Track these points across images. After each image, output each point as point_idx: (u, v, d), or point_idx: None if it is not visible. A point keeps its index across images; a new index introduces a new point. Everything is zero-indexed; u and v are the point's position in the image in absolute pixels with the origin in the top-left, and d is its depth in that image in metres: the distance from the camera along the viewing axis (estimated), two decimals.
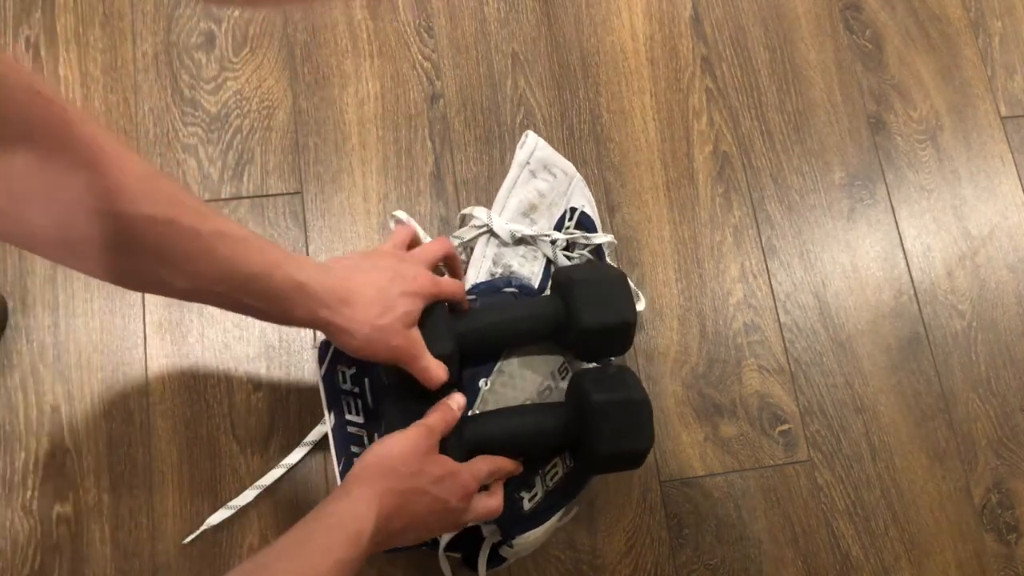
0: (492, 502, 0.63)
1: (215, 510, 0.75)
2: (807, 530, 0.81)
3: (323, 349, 0.70)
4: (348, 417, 0.70)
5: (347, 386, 0.71)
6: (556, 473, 0.68)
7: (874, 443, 0.84)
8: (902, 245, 0.90)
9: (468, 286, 0.71)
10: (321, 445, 0.78)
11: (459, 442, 0.63)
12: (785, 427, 0.84)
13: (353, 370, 0.70)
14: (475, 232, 0.74)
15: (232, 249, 0.54)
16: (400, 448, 0.59)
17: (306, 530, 0.53)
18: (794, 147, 0.92)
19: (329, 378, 0.70)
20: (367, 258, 0.65)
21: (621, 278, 0.68)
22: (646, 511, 0.80)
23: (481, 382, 0.67)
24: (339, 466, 0.69)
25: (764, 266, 0.88)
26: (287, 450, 0.77)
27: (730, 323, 0.86)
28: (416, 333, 0.63)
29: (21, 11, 0.87)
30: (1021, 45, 0.98)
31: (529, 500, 0.67)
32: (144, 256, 0.50)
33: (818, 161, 0.92)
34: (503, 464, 0.64)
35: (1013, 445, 0.85)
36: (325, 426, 0.78)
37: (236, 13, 0.89)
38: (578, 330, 0.65)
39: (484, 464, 0.63)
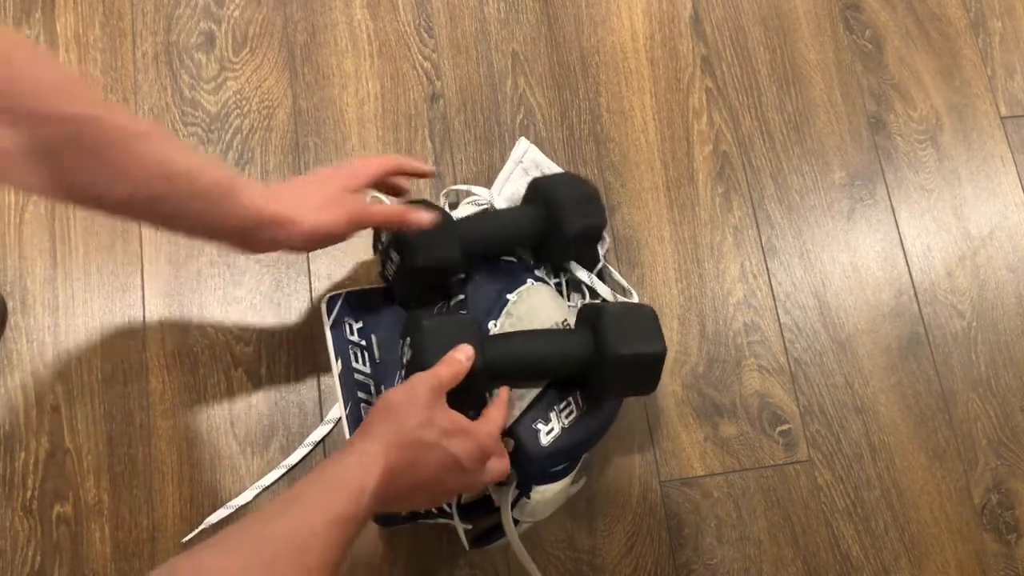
0: (501, 464, 0.61)
1: (215, 510, 0.75)
2: (807, 530, 0.81)
3: (331, 302, 0.76)
4: (355, 366, 0.74)
5: (354, 338, 0.75)
6: (571, 411, 0.68)
7: (874, 443, 0.84)
8: (902, 245, 0.90)
9: None
10: (321, 445, 0.78)
11: (482, 360, 0.63)
12: (785, 427, 0.84)
13: (360, 324, 0.75)
14: (476, 210, 0.78)
15: (163, 147, 0.54)
16: (403, 397, 0.56)
17: (305, 485, 0.51)
18: (794, 147, 0.92)
19: (337, 327, 0.75)
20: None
21: (595, 190, 0.77)
22: (646, 511, 0.80)
23: (490, 323, 0.69)
24: (346, 409, 0.72)
25: (764, 266, 0.88)
26: (287, 450, 0.77)
27: (730, 323, 0.86)
28: (362, 196, 0.64)
29: (21, 11, 0.87)
30: (1021, 45, 0.98)
31: (547, 434, 0.66)
32: (75, 159, 0.50)
33: (818, 161, 0.92)
34: (505, 406, 0.64)
35: (1013, 445, 0.85)
36: (332, 417, 0.79)
37: (236, 13, 0.89)
38: (562, 233, 0.73)
39: (497, 414, 0.61)
